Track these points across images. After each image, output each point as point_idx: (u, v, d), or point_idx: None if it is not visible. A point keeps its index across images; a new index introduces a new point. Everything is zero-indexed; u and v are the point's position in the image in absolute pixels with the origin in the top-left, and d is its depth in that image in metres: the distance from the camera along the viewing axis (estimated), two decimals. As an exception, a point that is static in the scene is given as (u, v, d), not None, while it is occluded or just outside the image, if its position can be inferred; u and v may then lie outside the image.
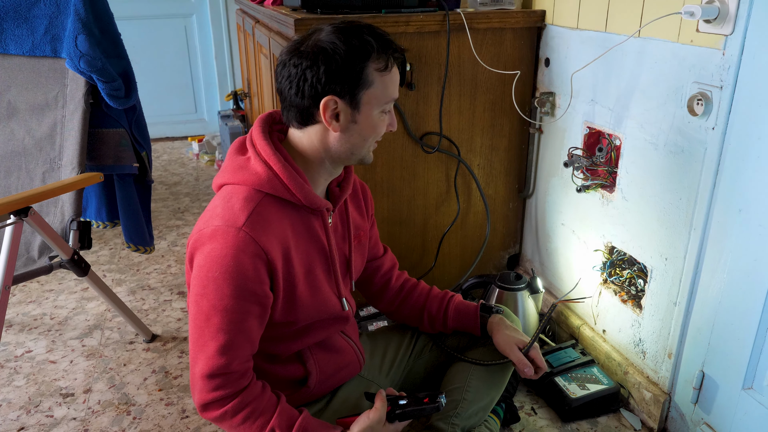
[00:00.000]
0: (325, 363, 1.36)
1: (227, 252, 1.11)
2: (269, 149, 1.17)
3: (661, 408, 1.62)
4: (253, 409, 1.18)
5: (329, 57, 1.10)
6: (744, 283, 1.36)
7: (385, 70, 1.15)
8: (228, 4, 4.36)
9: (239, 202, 1.15)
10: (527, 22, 1.91)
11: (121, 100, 1.85)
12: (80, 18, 1.76)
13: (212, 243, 1.12)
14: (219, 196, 1.20)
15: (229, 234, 1.11)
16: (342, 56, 1.11)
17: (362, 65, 1.12)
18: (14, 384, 1.87)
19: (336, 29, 1.13)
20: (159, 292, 2.41)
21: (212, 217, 1.15)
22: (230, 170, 1.21)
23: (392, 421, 1.26)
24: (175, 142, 4.53)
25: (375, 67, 1.13)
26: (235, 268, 1.11)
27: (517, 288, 1.87)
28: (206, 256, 1.13)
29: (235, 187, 1.18)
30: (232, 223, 1.12)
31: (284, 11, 1.97)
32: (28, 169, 1.93)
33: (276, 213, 1.17)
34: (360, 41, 1.12)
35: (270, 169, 1.17)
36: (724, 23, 1.29)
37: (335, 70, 1.11)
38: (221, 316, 1.13)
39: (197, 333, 1.16)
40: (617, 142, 1.69)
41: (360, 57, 1.12)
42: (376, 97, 1.16)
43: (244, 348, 1.17)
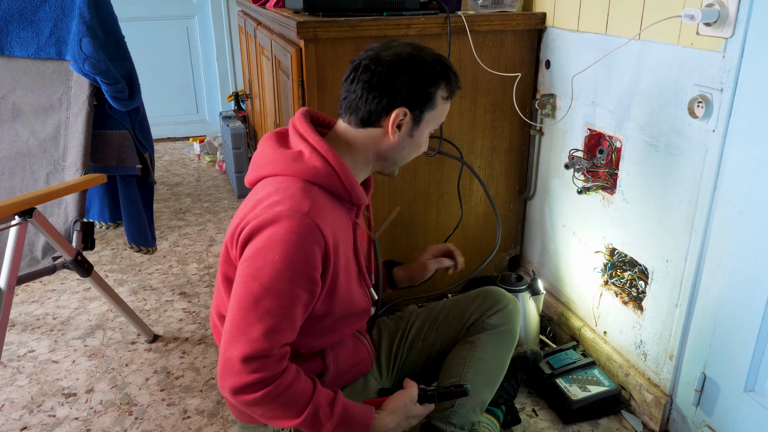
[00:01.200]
0: (342, 359, 1.38)
1: (291, 237, 1.12)
2: (326, 145, 1.21)
3: (662, 410, 1.63)
4: (293, 392, 1.18)
5: (414, 73, 1.20)
6: (745, 284, 1.37)
7: (447, 99, 1.27)
8: (230, 5, 4.37)
9: (299, 191, 1.16)
10: (528, 24, 1.92)
11: (125, 102, 1.86)
12: (85, 21, 1.77)
13: (275, 227, 1.12)
14: (270, 185, 1.20)
15: (294, 219, 1.12)
16: (425, 76, 1.21)
17: (435, 89, 1.23)
18: (17, 384, 1.88)
19: (419, 49, 1.24)
20: (161, 292, 2.42)
21: (274, 204, 1.15)
22: (280, 163, 1.21)
23: (422, 402, 1.34)
24: (176, 142, 4.54)
25: (442, 94, 1.25)
26: (298, 252, 1.12)
27: (518, 289, 1.87)
28: (267, 238, 1.13)
29: (288, 178, 1.19)
30: (297, 209, 1.13)
31: (286, 14, 1.98)
32: (32, 170, 1.94)
33: (328, 205, 1.20)
34: (441, 67, 1.24)
35: (328, 164, 1.20)
36: (724, 26, 1.29)
37: (416, 87, 1.21)
38: (272, 299, 1.13)
39: (241, 314, 1.14)
40: (618, 144, 1.70)
41: (436, 81, 1.23)
42: (434, 119, 1.27)
43: (287, 334, 1.16)
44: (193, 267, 2.61)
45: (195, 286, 2.45)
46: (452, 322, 1.57)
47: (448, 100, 1.28)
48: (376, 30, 1.76)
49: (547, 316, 2.09)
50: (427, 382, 1.56)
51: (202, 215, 3.18)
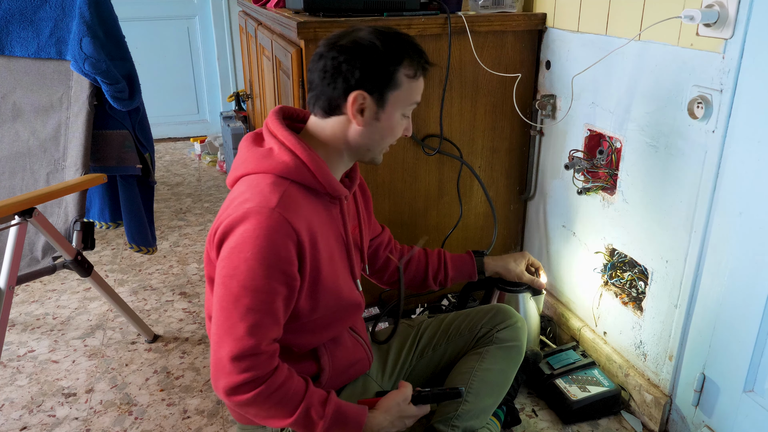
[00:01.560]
0: (337, 359, 1.38)
1: (260, 232, 1.12)
2: (294, 139, 1.21)
3: (662, 410, 1.63)
4: (285, 391, 1.19)
5: (366, 54, 1.17)
6: (744, 285, 1.37)
7: (413, 77, 1.22)
8: (230, 6, 4.37)
9: (268, 186, 1.17)
10: (528, 25, 1.92)
11: (125, 101, 1.86)
12: (85, 21, 1.77)
13: (245, 224, 1.13)
14: (243, 184, 1.21)
15: (262, 214, 1.12)
16: (378, 55, 1.17)
17: (395, 68, 1.19)
18: (17, 383, 1.88)
19: (376, 31, 1.20)
20: (161, 292, 2.42)
21: (243, 202, 1.16)
22: (252, 161, 1.22)
23: (416, 403, 1.35)
24: (177, 142, 4.55)
25: (405, 72, 1.20)
26: (268, 247, 1.12)
27: (519, 290, 1.87)
28: (239, 237, 1.13)
29: (260, 175, 1.20)
30: (265, 204, 1.13)
31: (287, 14, 1.98)
32: (33, 170, 1.94)
33: (302, 199, 1.20)
34: (397, 45, 1.19)
35: (297, 158, 1.19)
36: (723, 27, 1.29)
37: (370, 68, 1.17)
38: (251, 297, 1.13)
39: (224, 315, 1.15)
40: (618, 145, 1.70)
41: (394, 60, 1.18)
42: (401, 100, 1.22)
43: (271, 329, 1.17)
44: (193, 267, 2.61)
45: (195, 286, 2.45)
46: (463, 333, 1.58)
47: (415, 78, 1.22)
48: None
49: (547, 316, 2.09)
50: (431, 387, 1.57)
51: (203, 215, 3.18)
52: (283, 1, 2.25)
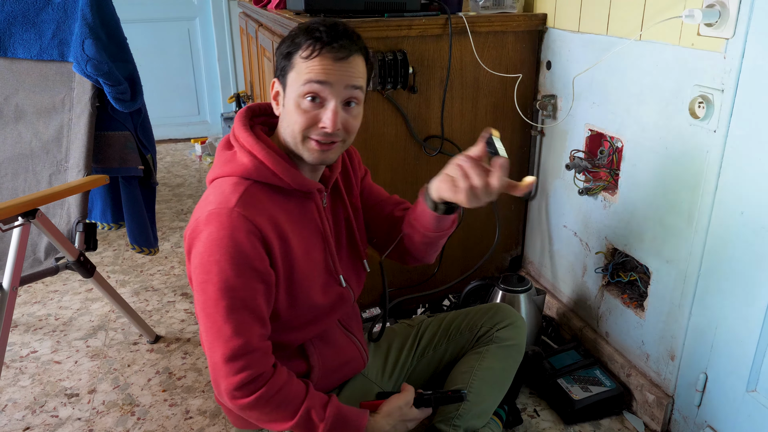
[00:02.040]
0: (327, 357, 1.38)
1: (223, 233, 1.13)
2: (251, 139, 1.20)
3: (664, 410, 1.63)
4: (285, 394, 1.20)
5: (282, 42, 1.19)
6: (746, 285, 1.37)
7: (308, 58, 1.14)
8: (231, 7, 4.37)
9: (229, 187, 1.18)
10: (529, 25, 1.92)
11: (127, 103, 1.86)
12: (87, 23, 1.77)
13: (208, 227, 1.15)
14: (210, 188, 1.24)
15: (222, 215, 1.14)
16: (286, 41, 1.18)
17: (294, 50, 1.16)
18: (20, 384, 1.88)
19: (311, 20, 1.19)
20: (163, 293, 2.42)
21: (205, 205, 1.18)
22: (218, 165, 1.24)
23: (418, 406, 1.35)
24: (178, 143, 4.55)
25: (301, 54, 1.15)
26: (234, 247, 1.13)
27: (520, 290, 1.88)
28: (204, 241, 1.15)
29: (225, 178, 1.21)
30: (224, 205, 1.15)
31: (288, 15, 1.99)
32: (35, 172, 1.94)
33: (266, 197, 1.20)
34: (301, 29, 1.17)
35: (255, 158, 1.19)
36: (725, 27, 1.30)
37: (280, 54, 1.19)
38: (229, 297, 1.14)
39: (209, 320, 1.16)
40: (619, 145, 1.70)
41: (295, 43, 1.16)
42: (294, 82, 1.16)
43: (257, 326, 1.18)
44: (194, 268, 2.61)
45: (197, 286, 2.45)
46: (463, 332, 1.58)
47: (309, 59, 1.14)
48: (378, 31, 1.76)
49: (549, 316, 2.09)
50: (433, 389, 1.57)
51: (204, 216, 3.17)
52: (284, 3, 2.26)
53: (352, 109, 1.19)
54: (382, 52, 1.78)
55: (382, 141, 1.91)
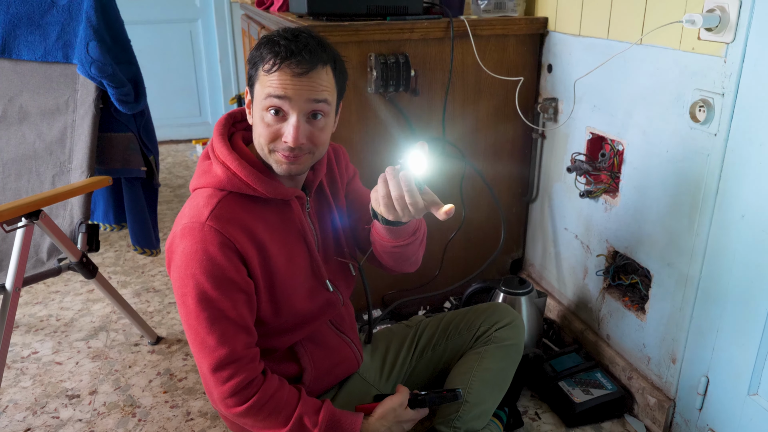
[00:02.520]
0: (319, 359, 1.38)
1: (197, 247, 1.15)
2: (225, 150, 1.21)
3: (665, 414, 1.63)
4: (277, 401, 1.21)
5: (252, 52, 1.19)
6: (747, 288, 1.37)
7: (269, 72, 1.14)
8: (233, 9, 4.38)
9: (203, 199, 1.19)
10: (530, 28, 1.93)
11: (131, 105, 1.87)
12: (92, 25, 1.78)
13: (183, 242, 1.17)
14: (188, 200, 1.25)
15: (195, 229, 1.16)
16: (253, 50, 1.18)
17: (259, 62, 1.16)
18: (21, 385, 1.89)
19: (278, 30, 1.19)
20: (164, 294, 2.42)
21: (181, 218, 1.20)
22: (196, 175, 1.26)
23: (413, 407, 1.35)
24: (179, 144, 4.56)
25: (263, 67, 1.15)
26: (208, 260, 1.15)
27: (522, 292, 1.88)
28: (179, 255, 1.17)
29: (200, 190, 1.23)
30: (196, 219, 1.17)
31: (290, 18, 1.99)
32: (39, 173, 1.95)
33: (242, 208, 1.21)
34: (264, 41, 1.17)
35: (228, 170, 1.20)
36: (725, 31, 1.30)
37: (250, 64, 1.19)
38: (209, 309, 1.16)
39: (193, 332, 1.18)
40: (620, 148, 1.70)
41: (259, 53, 1.16)
42: (258, 95, 1.17)
43: (241, 335, 1.19)
44: (196, 269, 2.62)
45: (198, 288, 2.45)
46: (462, 332, 1.58)
47: (270, 73, 1.14)
48: (380, 34, 1.77)
49: (550, 319, 2.10)
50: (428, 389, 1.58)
51: (205, 218, 3.18)
52: (287, 5, 2.26)
53: (317, 121, 1.18)
54: (384, 54, 1.79)
55: (383, 143, 1.92)
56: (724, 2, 1.29)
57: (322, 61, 1.15)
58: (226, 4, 4.37)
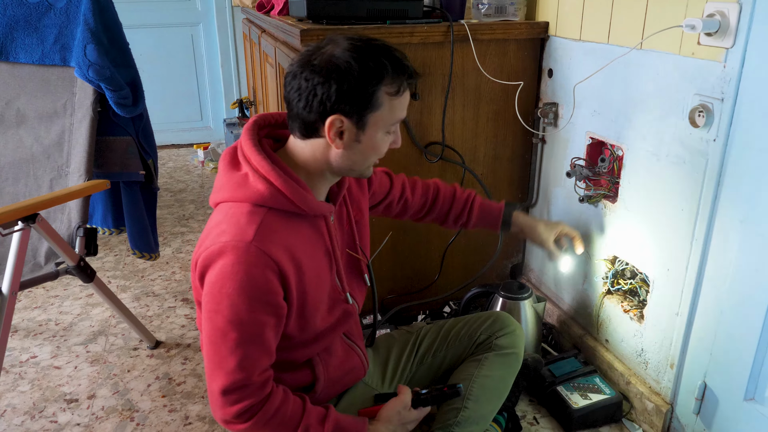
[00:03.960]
0: (332, 368, 1.38)
1: (239, 268, 1.10)
2: (267, 165, 1.15)
3: (663, 418, 1.62)
4: (282, 416, 1.19)
5: (342, 76, 1.08)
6: (746, 293, 1.37)
7: (396, 95, 1.14)
8: (234, 13, 4.39)
9: (244, 216, 1.14)
10: (530, 33, 1.93)
11: (129, 108, 1.87)
12: (89, 28, 1.78)
13: (223, 259, 1.11)
14: (220, 212, 1.19)
15: (239, 249, 1.10)
16: (355, 77, 1.09)
17: (374, 88, 1.11)
18: (19, 389, 1.88)
19: (352, 47, 1.11)
20: (163, 298, 2.42)
21: (220, 234, 1.14)
22: (229, 188, 1.19)
23: (416, 407, 1.35)
24: (180, 149, 4.56)
25: (386, 91, 1.12)
26: (248, 282, 1.11)
27: (521, 297, 1.88)
28: (218, 272, 1.12)
29: (236, 204, 1.17)
30: (240, 238, 1.11)
31: (290, 21, 1.99)
32: (36, 176, 1.95)
33: (282, 225, 1.17)
34: (375, 63, 1.10)
35: (271, 185, 1.15)
36: (725, 36, 1.30)
37: (346, 91, 1.09)
38: (238, 331, 1.13)
39: (213, 349, 1.15)
40: (620, 153, 1.70)
41: (373, 80, 1.10)
42: (382, 119, 1.15)
43: (262, 360, 1.17)
44: (195, 273, 2.61)
45: (197, 292, 2.45)
46: (462, 339, 1.58)
47: (398, 96, 1.14)
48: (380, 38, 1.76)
49: (549, 323, 2.09)
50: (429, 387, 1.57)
51: (205, 222, 3.17)
52: (287, 9, 2.27)
53: None
54: (383, 59, 1.78)
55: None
56: (724, 7, 1.29)
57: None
58: (227, 8, 4.38)
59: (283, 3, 2.31)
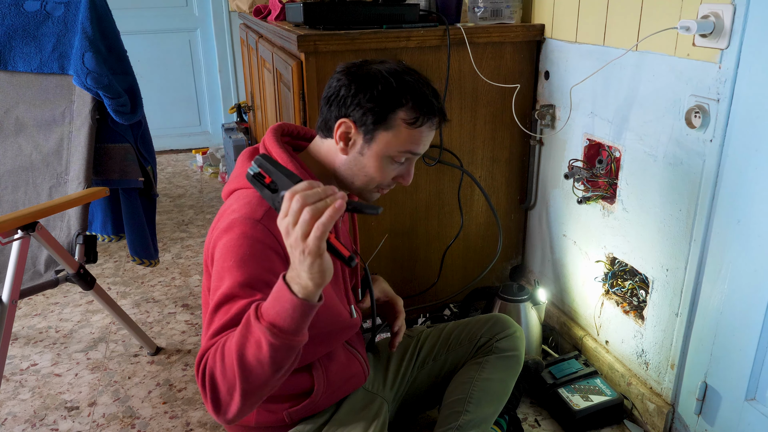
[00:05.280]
0: (332, 374, 1.37)
1: (243, 241, 1.10)
2: (286, 156, 1.19)
3: (664, 419, 1.63)
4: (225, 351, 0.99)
5: (366, 86, 1.14)
6: (745, 293, 1.37)
7: (412, 125, 1.17)
8: (232, 18, 4.40)
9: (256, 199, 1.15)
10: (527, 36, 1.93)
11: (127, 115, 1.88)
12: (87, 36, 1.79)
13: (229, 234, 1.11)
14: (233, 198, 1.20)
15: (246, 225, 1.11)
16: (378, 90, 1.14)
17: (393, 108, 1.15)
18: (20, 397, 1.88)
19: (392, 68, 1.17)
20: (163, 304, 2.42)
21: (230, 214, 1.15)
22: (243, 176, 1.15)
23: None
24: (179, 154, 4.56)
25: (403, 117, 1.16)
26: (250, 256, 1.09)
27: (520, 299, 1.88)
28: (222, 246, 1.12)
29: (250, 190, 1.18)
30: (250, 216, 1.12)
31: (287, 27, 2.00)
32: (35, 184, 1.95)
33: None
34: (401, 87, 1.15)
35: None
36: (719, 38, 1.30)
37: (367, 99, 1.14)
38: (230, 305, 1.08)
39: (205, 323, 1.11)
40: (617, 154, 1.71)
41: (395, 100, 1.15)
42: (392, 143, 1.17)
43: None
44: (195, 279, 2.62)
45: (197, 298, 2.45)
46: (463, 343, 1.58)
47: (414, 126, 1.17)
48: (376, 42, 1.77)
49: (549, 325, 2.09)
50: (433, 401, 1.58)
51: (205, 227, 3.19)
52: (284, 14, 2.27)
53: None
54: (380, 63, 1.79)
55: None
56: (718, 9, 1.29)
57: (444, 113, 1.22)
58: (224, 13, 4.39)
59: (280, 8, 2.32)
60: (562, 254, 2.03)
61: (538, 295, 1.94)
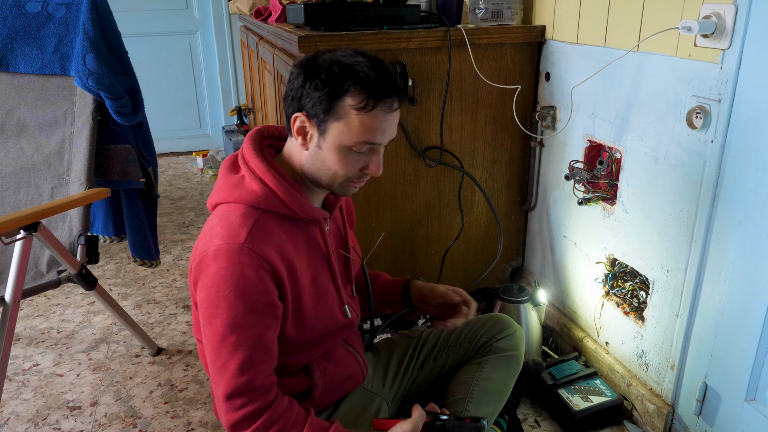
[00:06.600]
0: (330, 374, 1.37)
1: (233, 269, 1.11)
2: (263, 166, 1.17)
3: (664, 420, 1.63)
4: (284, 424, 1.17)
5: (312, 76, 1.11)
6: (745, 294, 1.37)
7: (362, 110, 1.11)
8: (232, 21, 4.41)
9: (238, 219, 1.15)
10: (527, 37, 1.94)
11: (129, 116, 1.88)
12: (88, 37, 1.79)
13: (216, 263, 1.12)
14: (215, 215, 1.20)
15: (232, 251, 1.12)
16: (321, 79, 1.10)
17: (337, 95, 1.10)
18: (22, 397, 1.89)
19: (336, 55, 1.12)
20: (164, 305, 2.42)
21: (212, 237, 1.15)
22: (225, 189, 1.20)
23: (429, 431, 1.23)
24: (179, 156, 4.57)
25: (351, 103, 1.10)
26: (244, 284, 1.12)
27: (521, 300, 1.88)
28: (212, 276, 1.13)
29: (232, 205, 1.18)
30: (233, 240, 1.12)
31: (288, 28, 2.00)
32: (37, 185, 1.95)
33: (275, 227, 1.18)
34: (343, 71, 1.10)
35: (266, 186, 1.17)
36: (721, 38, 1.31)
37: (311, 89, 1.11)
38: (237, 334, 1.13)
39: (215, 354, 1.15)
40: (618, 155, 1.71)
41: (338, 87, 1.10)
42: (344, 132, 1.13)
43: (265, 363, 1.16)
44: (196, 280, 2.62)
45: (198, 299, 2.45)
46: (463, 343, 1.58)
47: (364, 111, 1.10)
48: (377, 44, 1.78)
49: (549, 326, 2.09)
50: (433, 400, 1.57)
51: (206, 228, 3.18)
52: (285, 16, 2.28)
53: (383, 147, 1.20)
54: (381, 64, 1.79)
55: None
56: (720, 9, 1.30)
57: (401, 93, 1.16)
58: (224, 16, 4.40)
59: (281, 10, 2.32)
60: (563, 255, 2.03)
61: (538, 297, 1.94)
